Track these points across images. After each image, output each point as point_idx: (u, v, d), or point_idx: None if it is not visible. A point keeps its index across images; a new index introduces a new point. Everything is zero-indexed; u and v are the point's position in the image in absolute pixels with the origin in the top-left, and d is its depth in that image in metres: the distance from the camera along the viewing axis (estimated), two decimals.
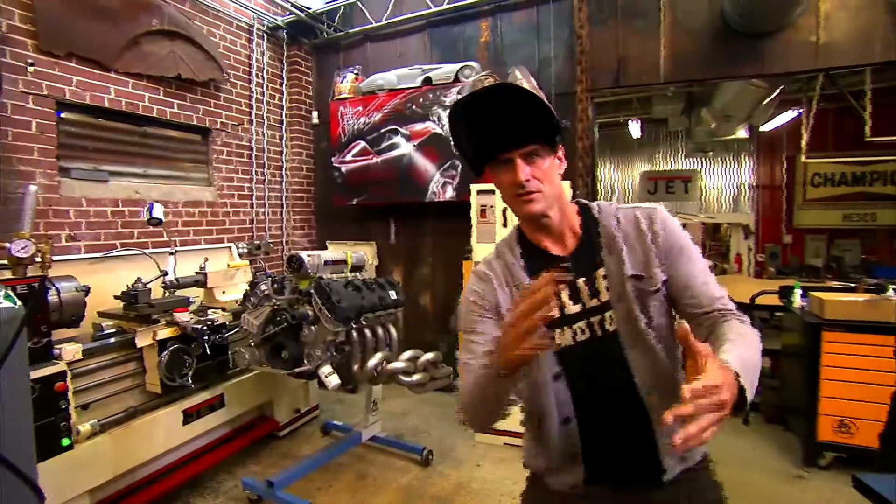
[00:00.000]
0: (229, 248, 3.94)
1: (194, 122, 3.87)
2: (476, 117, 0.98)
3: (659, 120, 7.18)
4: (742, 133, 6.92)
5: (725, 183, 7.73)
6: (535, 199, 0.97)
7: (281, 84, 4.71)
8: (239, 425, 3.14)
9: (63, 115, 3.10)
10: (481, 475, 2.92)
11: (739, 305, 0.91)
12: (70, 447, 2.13)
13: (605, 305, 0.99)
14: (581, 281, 1.01)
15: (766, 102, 5.22)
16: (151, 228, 3.19)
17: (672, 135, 7.78)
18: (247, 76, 4.35)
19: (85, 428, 2.23)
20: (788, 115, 5.83)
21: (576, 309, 1.01)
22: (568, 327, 1.01)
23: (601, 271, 1.00)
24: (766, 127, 6.45)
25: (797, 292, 3.24)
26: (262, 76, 4.48)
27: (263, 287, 2.72)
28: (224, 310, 2.97)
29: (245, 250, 3.80)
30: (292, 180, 4.82)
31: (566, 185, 3.43)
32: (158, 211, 2.89)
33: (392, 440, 3.25)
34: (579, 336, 1.01)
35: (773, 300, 3.54)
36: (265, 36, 4.49)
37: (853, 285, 3.37)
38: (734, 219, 7.39)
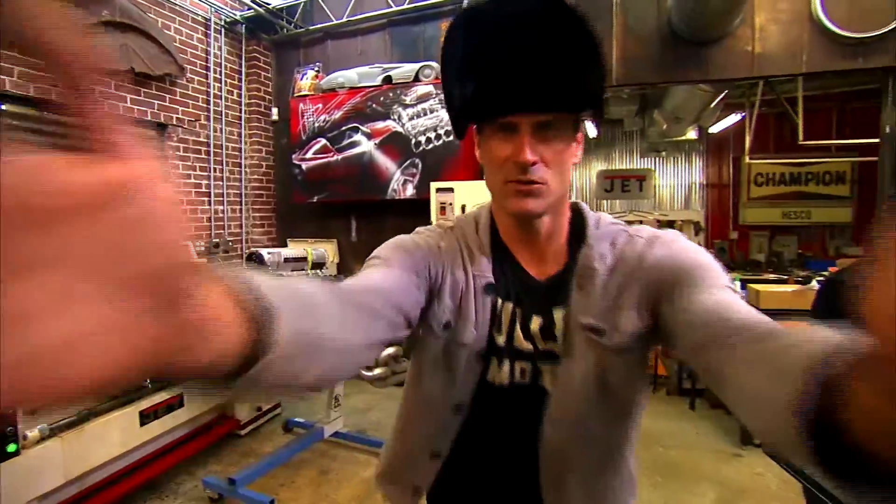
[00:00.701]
0: (186, 246, 3.87)
1: (149, 118, 3.77)
2: (483, 47, 0.66)
3: (615, 120, 7.44)
4: (692, 134, 7.26)
5: (677, 182, 8.09)
6: (536, 194, 0.68)
7: (239, 80, 4.64)
8: (199, 425, 3.10)
9: (3, 108, 2.97)
10: None
11: None
12: (17, 453, 2.07)
13: (554, 354, 0.74)
14: (537, 319, 0.74)
15: (712, 106, 5.51)
16: None
17: (627, 135, 8.07)
18: (204, 71, 4.27)
19: (33, 433, 2.16)
20: (733, 118, 6.17)
21: (527, 346, 0.75)
22: (509, 362, 0.75)
23: (560, 311, 0.73)
24: (714, 129, 6.80)
25: (737, 284, 3.47)
26: (220, 71, 4.40)
27: None
28: None
29: (203, 249, 3.74)
30: (251, 177, 4.75)
31: None
32: None
33: (354, 435, 3.28)
34: (517, 378, 0.75)
35: None
36: (223, 30, 4.41)
37: (785, 277, 3.64)
38: (686, 216, 7.75)
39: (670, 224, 8.24)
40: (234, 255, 4.54)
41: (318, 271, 2.96)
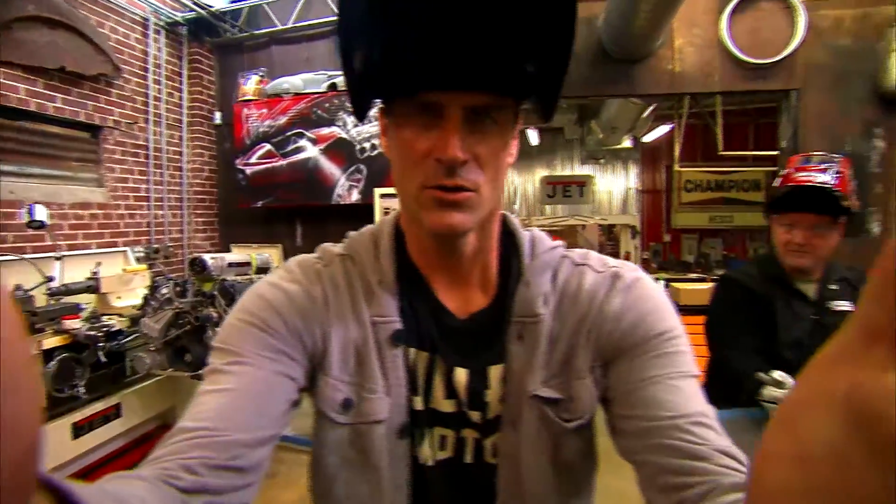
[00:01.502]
0: (124, 252, 3.75)
1: (82, 119, 3.63)
2: None
3: (556, 129, 7.81)
4: (628, 143, 7.71)
5: (615, 188, 8.55)
6: (464, 205, 0.51)
7: (180, 82, 4.53)
8: (137, 436, 3.02)
9: None
10: None
11: None
12: None
13: (490, 423, 0.58)
14: (462, 372, 0.58)
15: (644, 117, 5.91)
16: (31, 232, 2.98)
17: (568, 143, 8.46)
18: (142, 72, 4.15)
19: None
20: (663, 128, 6.63)
21: (449, 406, 0.59)
22: (428, 432, 0.59)
23: (498, 369, 0.58)
24: (647, 138, 7.26)
25: (661, 284, 3.78)
26: (160, 73, 4.29)
27: (164, 290, 2.67)
28: (120, 316, 2.86)
29: (142, 254, 3.64)
30: (193, 182, 4.65)
31: None
32: (41, 213, 2.72)
33: (302, 438, 3.30)
34: (437, 452, 0.59)
35: None
36: (163, 31, 4.30)
37: (705, 276, 3.99)
38: (623, 220, 8.19)
39: (610, 228, 8.71)
40: (175, 261, 4.43)
41: (262, 276, 2.99)
